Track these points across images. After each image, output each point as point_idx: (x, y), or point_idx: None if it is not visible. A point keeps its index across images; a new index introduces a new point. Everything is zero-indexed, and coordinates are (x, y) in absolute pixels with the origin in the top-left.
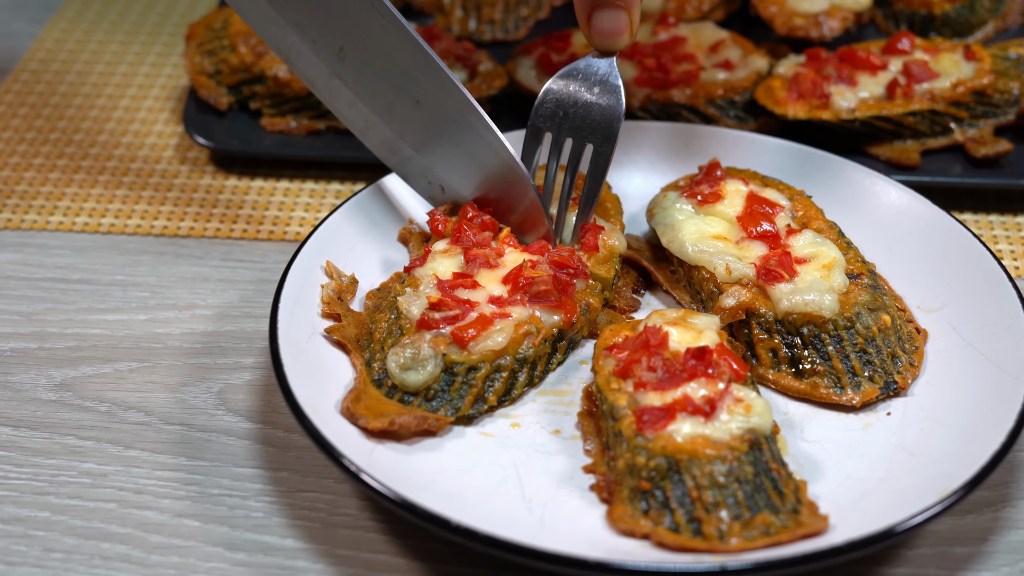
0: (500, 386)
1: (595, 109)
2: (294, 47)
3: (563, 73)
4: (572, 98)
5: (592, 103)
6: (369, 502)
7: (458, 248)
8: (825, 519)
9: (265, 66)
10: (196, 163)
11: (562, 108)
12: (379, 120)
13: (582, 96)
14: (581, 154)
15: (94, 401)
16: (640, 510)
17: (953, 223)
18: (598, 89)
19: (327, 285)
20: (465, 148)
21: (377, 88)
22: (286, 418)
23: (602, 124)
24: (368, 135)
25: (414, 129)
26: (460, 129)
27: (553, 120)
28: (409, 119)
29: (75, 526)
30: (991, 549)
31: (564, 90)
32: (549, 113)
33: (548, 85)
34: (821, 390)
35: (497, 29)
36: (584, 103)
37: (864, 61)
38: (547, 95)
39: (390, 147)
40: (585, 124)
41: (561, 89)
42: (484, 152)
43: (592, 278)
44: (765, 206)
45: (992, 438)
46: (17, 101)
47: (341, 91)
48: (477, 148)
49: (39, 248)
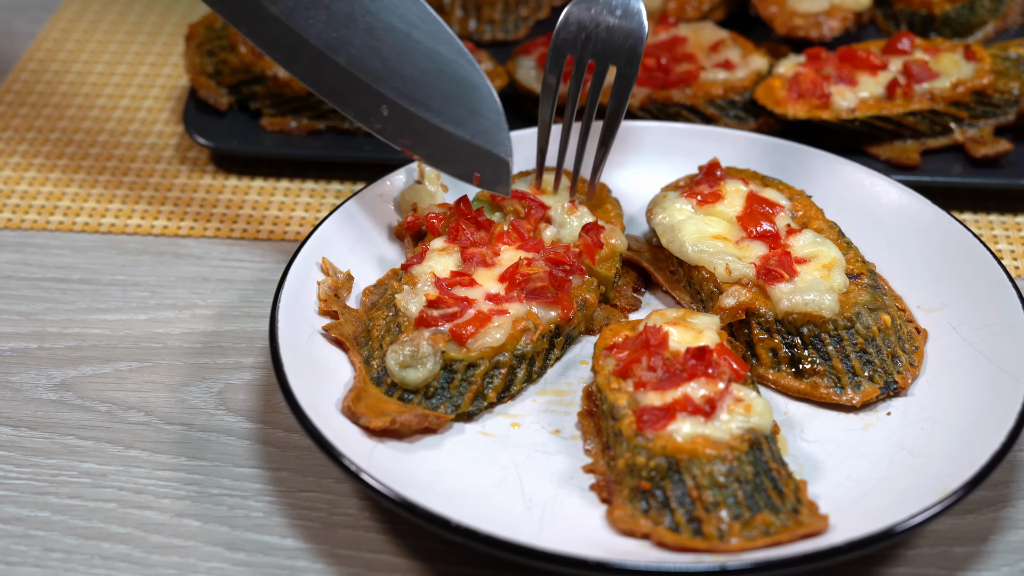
0: (499, 382)
1: (617, 32)
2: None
3: None
4: (594, 21)
5: (614, 26)
6: (369, 502)
7: (455, 246)
8: (825, 519)
9: (265, 66)
10: (196, 163)
11: (584, 31)
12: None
13: (604, 19)
14: (603, 78)
15: (94, 401)
16: (640, 510)
17: (953, 223)
18: (620, 11)
19: (323, 282)
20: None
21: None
22: (286, 418)
23: (626, 47)
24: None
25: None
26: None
27: (575, 44)
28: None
29: (75, 526)
30: (991, 549)
31: (586, 13)
32: (571, 36)
33: (569, 8)
34: (821, 390)
35: (497, 29)
36: (607, 26)
37: (864, 61)
38: (569, 18)
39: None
40: (608, 48)
41: (582, 12)
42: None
43: (594, 277)
44: (765, 206)
45: (992, 438)
46: (17, 101)
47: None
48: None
49: (39, 248)
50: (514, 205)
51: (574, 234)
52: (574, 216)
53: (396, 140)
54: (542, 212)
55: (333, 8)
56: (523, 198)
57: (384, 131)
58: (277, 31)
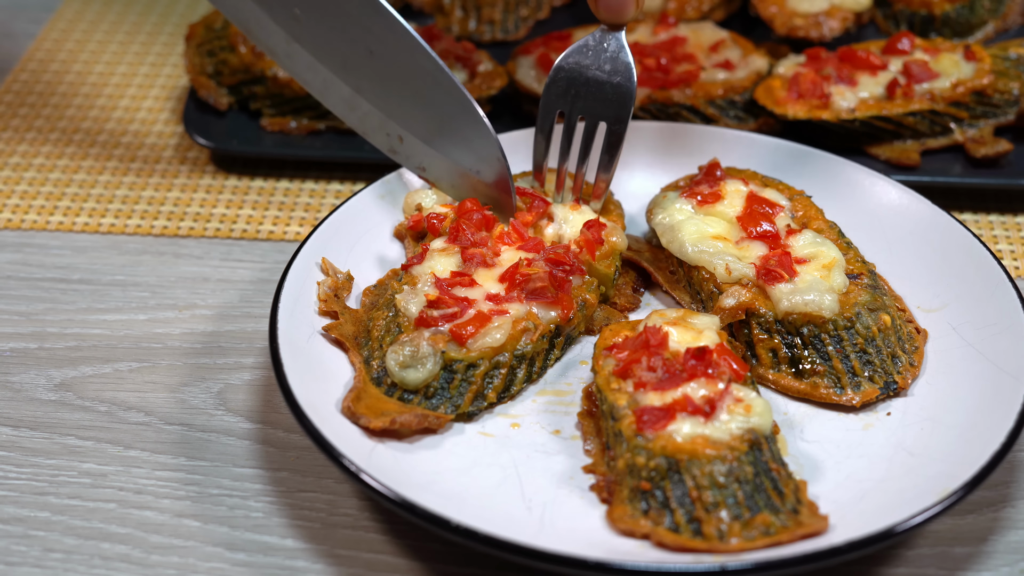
0: (499, 383)
1: (607, 88)
2: (252, 16)
3: (574, 50)
4: (583, 76)
5: (604, 81)
6: (369, 502)
7: (455, 247)
8: (825, 519)
9: (265, 66)
10: (196, 163)
11: (574, 86)
12: (336, 77)
13: (594, 74)
14: (594, 132)
15: (94, 401)
16: (640, 510)
17: (953, 223)
18: (609, 67)
19: (323, 282)
20: (420, 93)
21: (332, 43)
22: (286, 418)
23: (615, 103)
24: (328, 95)
25: (370, 80)
26: (414, 74)
27: (565, 98)
28: (364, 71)
29: (75, 526)
30: (991, 549)
31: (576, 67)
32: (561, 91)
33: (559, 62)
34: (821, 390)
35: (497, 29)
36: (596, 81)
37: (864, 61)
38: (559, 73)
39: (348, 104)
40: (597, 103)
41: (572, 66)
42: (439, 96)
43: (593, 274)
44: (765, 206)
45: (992, 438)
46: (17, 101)
47: (300, 54)
48: (432, 92)
49: (39, 248)
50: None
51: (575, 231)
52: (576, 212)
53: (410, 164)
54: (544, 208)
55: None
56: (524, 194)
57: (400, 156)
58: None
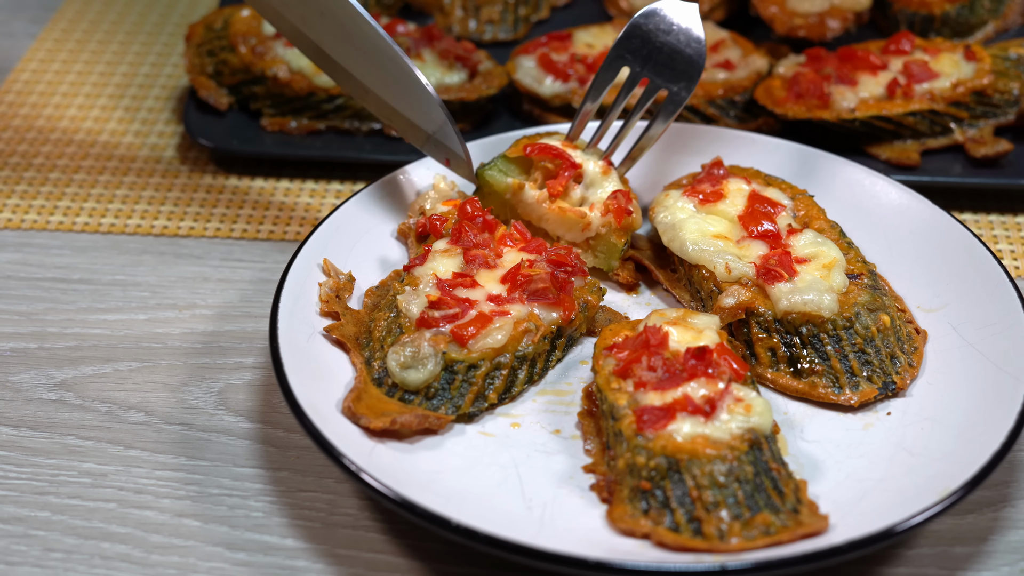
0: (500, 384)
1: (680, 58)
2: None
3: (648, 12)
4: (659, 40)
5: (678, 51)
6: (369, 502)
7: (458, 248)
8: (825, 519)
9: (265, 66)
10: (196, 163)
11: (647, 47)
12: (304, 29)
13: (667, 40)
14: (651, 96)
15: (94, 401)
16: (640, 510)
17: (953, 223)
18: (683, 37)
19: (325, 283)
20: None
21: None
22: (286, 418)
23: (685, 74)
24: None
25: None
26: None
27: (637, 56)
28: (320, 30)
29: (75, 526)
30: (991, 549)
31: (653, 30)
32: (635, 48)
33: (636, 20)
34: (819, 390)
35: (497, 29)
36: (670, 48)
37: (864, 61)
38: (635, 30)
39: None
40: (667, 70)
41: (649, 29)
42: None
43: (603, 245)
44: (767, 205)
45: (992, 438)
46: (18, 101)
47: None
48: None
49: (39, 248)
50: (545, 162)
51: (602, 197)
52: (606, 178)
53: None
54: (574, 170)
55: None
56: (556, 155)
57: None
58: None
